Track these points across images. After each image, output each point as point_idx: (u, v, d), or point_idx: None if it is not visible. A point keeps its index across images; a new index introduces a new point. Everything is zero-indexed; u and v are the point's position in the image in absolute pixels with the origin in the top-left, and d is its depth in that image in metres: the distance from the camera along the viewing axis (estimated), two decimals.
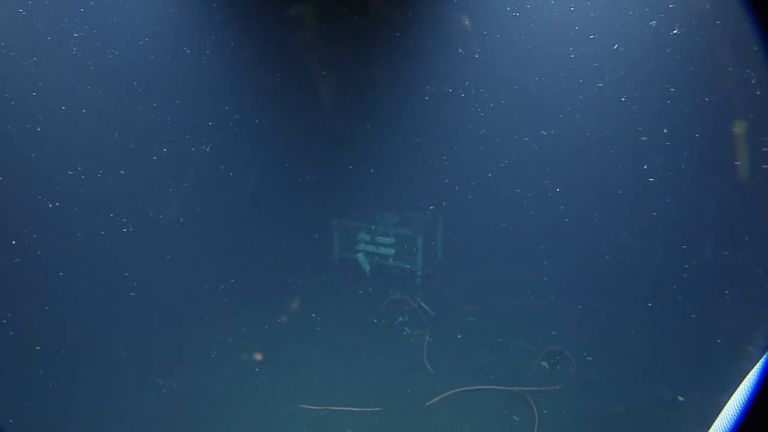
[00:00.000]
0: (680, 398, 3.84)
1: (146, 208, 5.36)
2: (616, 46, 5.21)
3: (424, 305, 5.24)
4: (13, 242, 4.29)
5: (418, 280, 5.82)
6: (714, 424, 1.19)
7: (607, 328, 4.86)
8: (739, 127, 4.72)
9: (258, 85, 6.14)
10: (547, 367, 4.36)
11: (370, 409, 3.83)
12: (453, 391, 4.05)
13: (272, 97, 6.25)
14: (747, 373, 1.15)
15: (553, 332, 4.83)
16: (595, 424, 3.65)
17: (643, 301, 5.03)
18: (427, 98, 6.20)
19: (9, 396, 3.77)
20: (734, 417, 1.12)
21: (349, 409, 3.82)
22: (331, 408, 3.83)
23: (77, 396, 3.88)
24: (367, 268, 5.95)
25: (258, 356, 4.49)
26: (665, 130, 5.29)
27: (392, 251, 5.92)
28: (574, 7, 5.32)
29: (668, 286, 5.12)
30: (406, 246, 5.82)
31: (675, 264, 5.44)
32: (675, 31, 4.92)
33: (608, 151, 5.61)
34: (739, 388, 1.15)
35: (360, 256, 5.99)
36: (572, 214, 5.72)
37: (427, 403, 3.93)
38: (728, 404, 1.16)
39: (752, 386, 1.10)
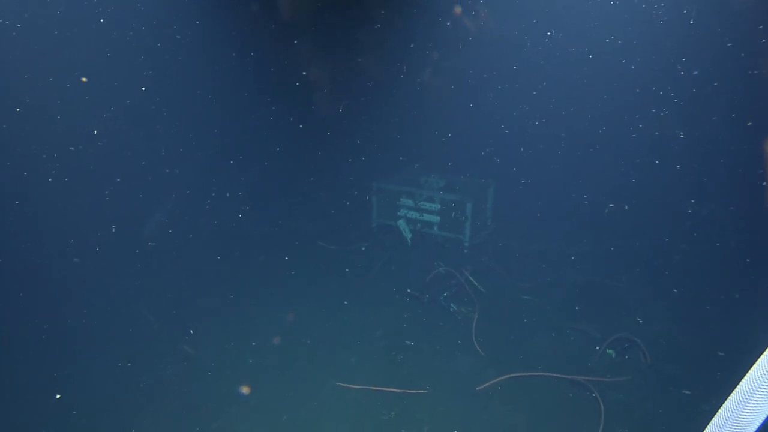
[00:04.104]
0: None
1: (182, 179, 5.45)
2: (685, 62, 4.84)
3: (472, 280, 5.03)
4: (72, 241, 4.73)
5: (465, 251, 5.58)
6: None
7: (688, 316, 4.53)
8: None
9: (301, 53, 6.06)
10: (614, 355, 4.11)
11: (414, 392, 3.72)
12: (506, 377, 3.88)
13: (313, 58, 6.12)
14: None
15: (622, 317, 4.56)
16: (674, 424, 3.42)
17: (731, 287, 4.65)
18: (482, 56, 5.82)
19: (41, 367, 3.89)
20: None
21: (391, 390, 3.73)
22: (371, 388, 3.74)
23: (106, 367, 3.95)
24: (409, 236, 5.76)
25: (292, 330, 4.45)
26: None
27: (437, 218, 5.69)
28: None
29: (762, 271, 4.71)
30: (453, 213, 5.57)
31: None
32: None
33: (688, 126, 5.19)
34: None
35: (401, 223, 5.79)
36: (649, 183, 5.31)
37: (477, 388, 3.79)
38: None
39: None
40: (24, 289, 4.45)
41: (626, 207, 5.43)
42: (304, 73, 6.12)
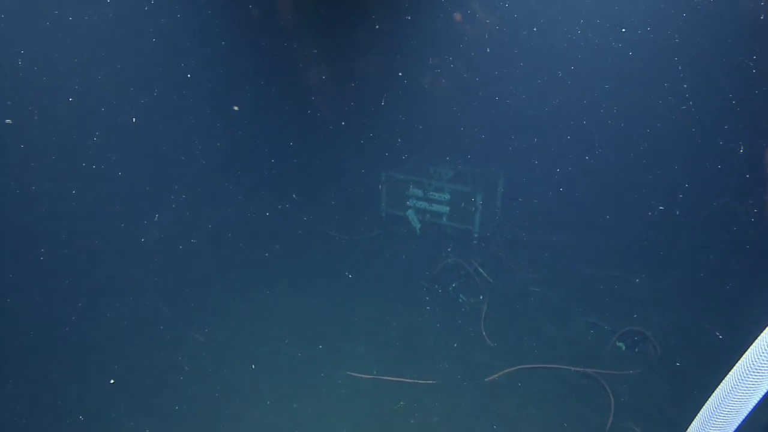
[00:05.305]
0: None
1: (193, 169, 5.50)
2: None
3: (481, 270, 5.07)
4: (122, 224, 4.87)
5: (474, 242, 5.61)
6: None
7: (698, 308, 4.55)
8: None
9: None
10: (624, 348, 4.15)
11: (423, 382, 3.78)
12: (515, 368, 3.93)
13: (330, 52, 6.13)
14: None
15: (632, 309, 4.58)
16: (683, 417, 3.46)
17: (742, 278, 4.66)
18: (491, 45, 5.77)
19: (54, 350, 3.98)
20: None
21: (400, 380, 3.79)
22: (381, 377, 3.80)
23: (120, 353, 4.03)
24: (418, 226, 5.78)
25: (302, 320, 4.51)
26: None
27: (446, 209, 5.70)
28: None
29: None
30: (462, 204, 5.58)
31: None
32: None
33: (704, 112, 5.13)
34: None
35: (410, 213, 5.81)
36: (660, 173, 5.29)
37: (486, 379, 3.84)
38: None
39: None
40: (38, 282, 4.52)
41: (636, 206, 5.41)
42: (320, 67, 6.12)
